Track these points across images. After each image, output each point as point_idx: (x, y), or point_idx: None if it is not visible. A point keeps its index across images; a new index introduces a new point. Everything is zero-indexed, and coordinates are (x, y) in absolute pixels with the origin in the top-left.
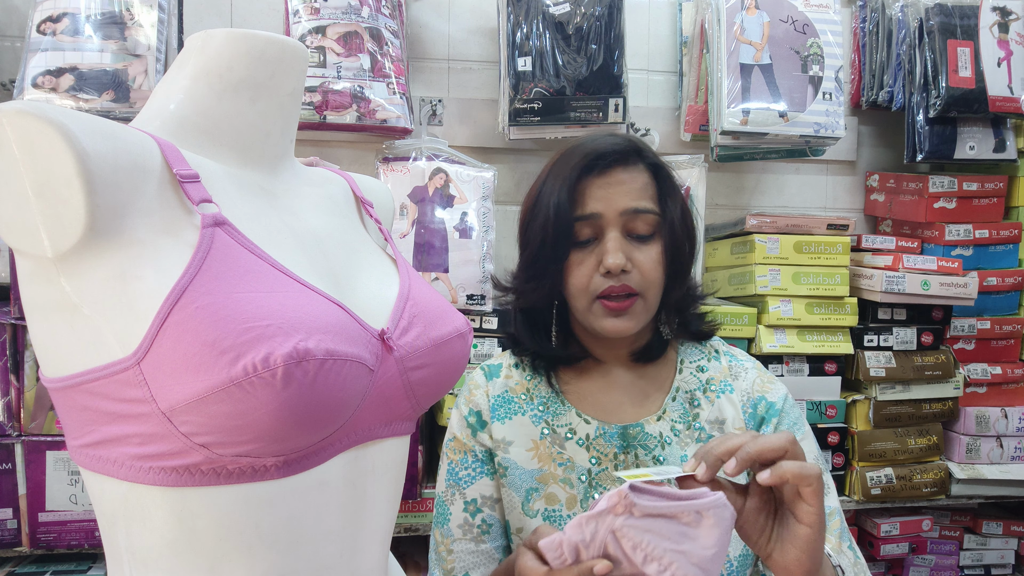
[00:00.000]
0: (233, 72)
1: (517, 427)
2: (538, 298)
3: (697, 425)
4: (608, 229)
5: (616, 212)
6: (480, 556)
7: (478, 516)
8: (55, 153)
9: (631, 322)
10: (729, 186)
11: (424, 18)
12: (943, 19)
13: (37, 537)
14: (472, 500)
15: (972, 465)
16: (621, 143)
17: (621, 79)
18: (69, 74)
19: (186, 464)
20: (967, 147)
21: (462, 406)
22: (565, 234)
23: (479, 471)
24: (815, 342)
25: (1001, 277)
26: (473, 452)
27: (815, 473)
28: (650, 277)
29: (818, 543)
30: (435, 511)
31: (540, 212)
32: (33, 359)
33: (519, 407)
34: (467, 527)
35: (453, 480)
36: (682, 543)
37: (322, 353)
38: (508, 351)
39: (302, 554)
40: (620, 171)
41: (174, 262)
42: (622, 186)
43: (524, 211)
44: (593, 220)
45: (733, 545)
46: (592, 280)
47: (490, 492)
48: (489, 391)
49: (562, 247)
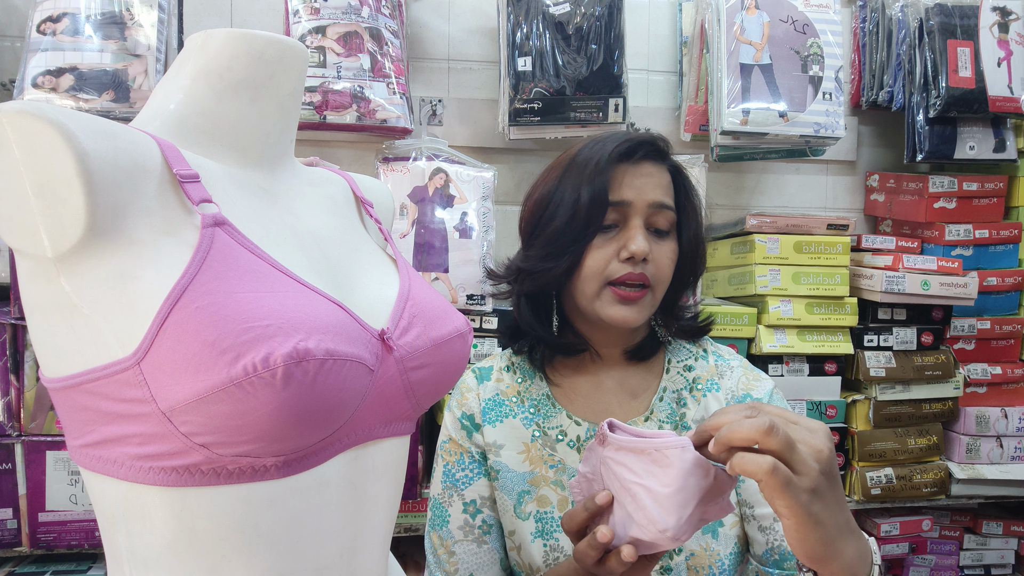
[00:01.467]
0: (233, 72)
1: (508, 430)
2: (552, 277)
3: (684, 424)
4: (633, 217)
5: (645, 203)
6: (483, 556)
7: (478, 517)
8: (55, 153)
9: (638, 313)
10: (729, 186)
11: (424, 18)
12: (943, 19)
13: (37, 537)
14: (471, 501)
15: (972, 465)
16: (653, 137)
17: (621, 79)
18: (69, 74)
19: (186, 464)
20: (967, 147)
21: (455, 408)
22: (597, 215)
23: (476, 472)
24: (815, 342)
25: (1001, 277)
26: (470, 453)
27: (764, 468)
28: (663, 273)
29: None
30: (431, 514)
31: (568, 192)
32: (33, 359)
33: (510, 410)
34: (468, 528)
35: (450, 482)
36: (646, 479)
37: (322, 353)
38: (500, 353)
39: (302, 554)
40: (650, 164)
41: (174, 262)
42: (651, 178)
43: (535, 199)
44: (622, 207)
45: (723, 544)
46: (609, 265)
47: (488, 492)
48: (480, 394)
49: (592, 227)
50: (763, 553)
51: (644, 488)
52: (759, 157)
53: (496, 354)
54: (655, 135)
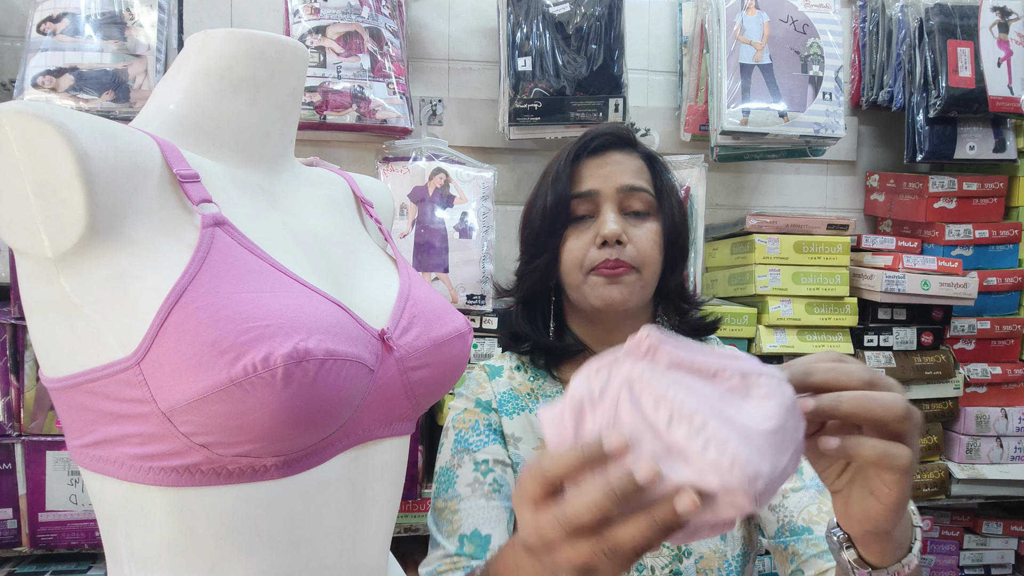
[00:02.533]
0: (233, 72)
1: (525, 423)
2: (536, 279)
3: None
4: (604, 204)
5: (613, 189)
6: (491, 512)
7: (490, 475)
8: (55, 153)
9: (625, 291)
10: (729, 186)
11: (424, 18)
12: (943, 19)
13: (37, 537)
14: (484, 460)
15: (972, 465)
16: (616, 127)
17: (621, 79)
18: (69, 74)
19: (186, 464)
20: (967, 147)
21: (468, 395)
22: (563, 211)
23: (491, 438)
24: (815, 342)
25: (1001, 277)
26: (487, 422)
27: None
28: (646, 252)
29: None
30: (435, 486)
31: (540, 197)
32: (33, 359)
33: (524, 404)
34: (477, 485)
35: (462, 446)
36: (724, 408)
37: (322, 353)
38: (505, 354)
39: (302, 554)
40: (615, 153)
41: (174, 262)
42: (618, 165)
43: (526, 206)
44: (590, 197)
45: (731, 546)
46: (588, 254)
47: (503, 457)
48: (494, 388)
49: (560, 224)
50: (775, 531)
51: (726, 421)
52: (759, 157)
53: (498, 354)
54: (616, 125)
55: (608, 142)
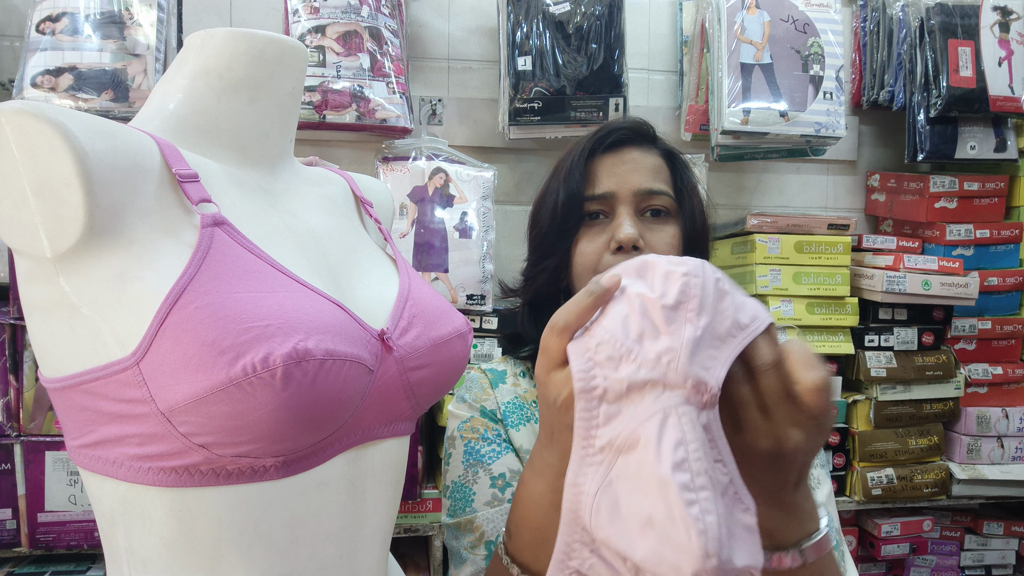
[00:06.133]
0: (232, 71)
1: (531, 435)
2: (544, 281)
3: None
4: (619, 206)
5: (630, 192)
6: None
7: (507, 491)
8: (54, 153)
9: None
10: (729, 186)
11: (424, 17)
12: (944, 19)
13: (36, 537)
14: (500, 475)
15: (973, 465)
16: (634, 122)
17: (621, 79)
18: (68, 74)
19: (185, 464)
20: (968, 147)
21: (471, 402)
22: (575, 211)
23: (504, 447)
24: (816, 342)
25: (1002, 277)
26: (495, 431)
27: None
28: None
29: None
30: (450, 503)
31: (550, 195)
32: (33, 359)
33: (531, 414)
34: (496, 502)
35: (475, 459)
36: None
37: (321, 353)
38: (507, 358)
39: (301, 555)
40: (632, 150)
41: (173, 262)
42: (635, 164)
43: (532, 208)
44: (605, 199)
45: None
46: (602, 258)
47: (517, 467)
48: (498, 398)
49: (571, 224)
50: None
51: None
52: (760, 157)
53: (498, 357)
54: (634, 120)
55: (625, 137)
